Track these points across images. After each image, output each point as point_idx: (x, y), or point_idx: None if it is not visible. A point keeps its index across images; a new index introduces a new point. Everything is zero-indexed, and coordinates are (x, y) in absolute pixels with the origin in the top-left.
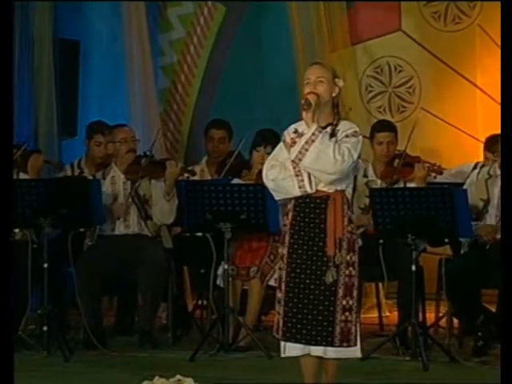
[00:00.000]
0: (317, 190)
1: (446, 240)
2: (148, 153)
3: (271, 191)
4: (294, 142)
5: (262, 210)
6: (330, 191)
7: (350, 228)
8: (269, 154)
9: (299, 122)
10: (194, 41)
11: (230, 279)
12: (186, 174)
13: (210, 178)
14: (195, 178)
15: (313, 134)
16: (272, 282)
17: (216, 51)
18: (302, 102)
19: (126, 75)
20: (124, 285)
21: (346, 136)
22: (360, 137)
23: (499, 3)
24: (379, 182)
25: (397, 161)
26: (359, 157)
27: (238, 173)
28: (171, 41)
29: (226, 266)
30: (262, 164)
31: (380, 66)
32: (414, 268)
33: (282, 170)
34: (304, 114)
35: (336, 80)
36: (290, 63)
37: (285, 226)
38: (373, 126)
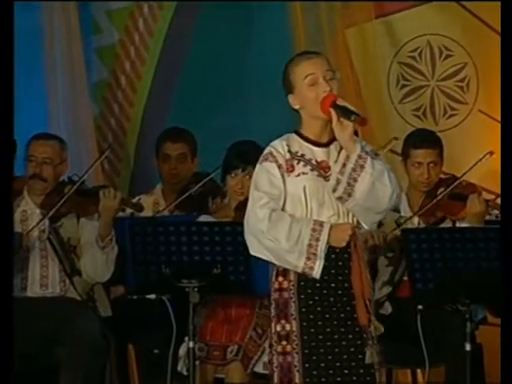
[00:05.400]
0: None
1: None
2: (75, 178)
3: (263, 254)
4: (292, 170)
5: (245, 262)
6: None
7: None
8: (250, 178)
9: (285, 137)
10: (145, 12)
11: (198, 363)
12: (130, 210)
13: (167, 213)
14: (145, 213)
15: (359, 156)
16: (260, 368)
17: (176, 26)
18: (353, 117)
19: (43, 61)
20: (39, 372)
21: (366, 153)
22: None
23: None
24: (416, 219)
25: (441, 190)
26: None
27: (206, 202)
28: (110, 11)
29: (191, 344)
30: (242, 194)
31: (418, 49)
32: (468, 347)
33: (291, 229)
34: (340, 130)
35: (336, 74)
36: (284, 42)
37: (283, 289)
38: (407, 138)
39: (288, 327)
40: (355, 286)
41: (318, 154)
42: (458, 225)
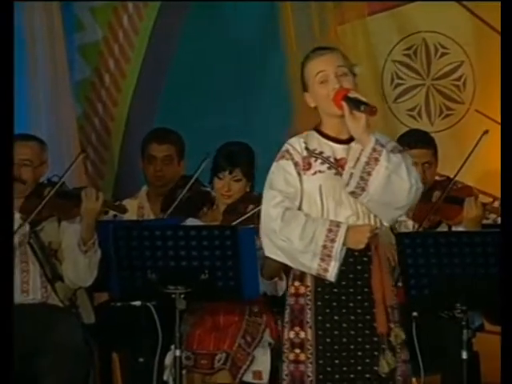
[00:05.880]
0: None
1: None
2: (55, 179)
3: (276, 255)
4: (309, 168)
5: (234, 267)
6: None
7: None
8: (238, 181)
9: (304, 134)
10: (129, 9)
11: (185, 372)
12: (113, 212)
13: (153, 217)
14: (129, 217)
15: (373, 149)
16: (249, 378)
17: (162, 25)
18: (362, 107)
19: (25, 60)
20: (22, 380)
21: (392, 152)
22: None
23: None
24: (411, 223)
25: (436, 193)
26: None
27: (195, 209)
28: (94, 8)
29: (177, 353)
30: (229, 198)
31: (413, 47)
32: (465, 355)
33: (305, 229)
34: (352, 122)
35: (353, 68)
36: (274, 41)
37: (299, 295)
38: (401, 138)
39: (303, 335)
40: (375, 291)
41: (338, 151)
42: (453, 229)
